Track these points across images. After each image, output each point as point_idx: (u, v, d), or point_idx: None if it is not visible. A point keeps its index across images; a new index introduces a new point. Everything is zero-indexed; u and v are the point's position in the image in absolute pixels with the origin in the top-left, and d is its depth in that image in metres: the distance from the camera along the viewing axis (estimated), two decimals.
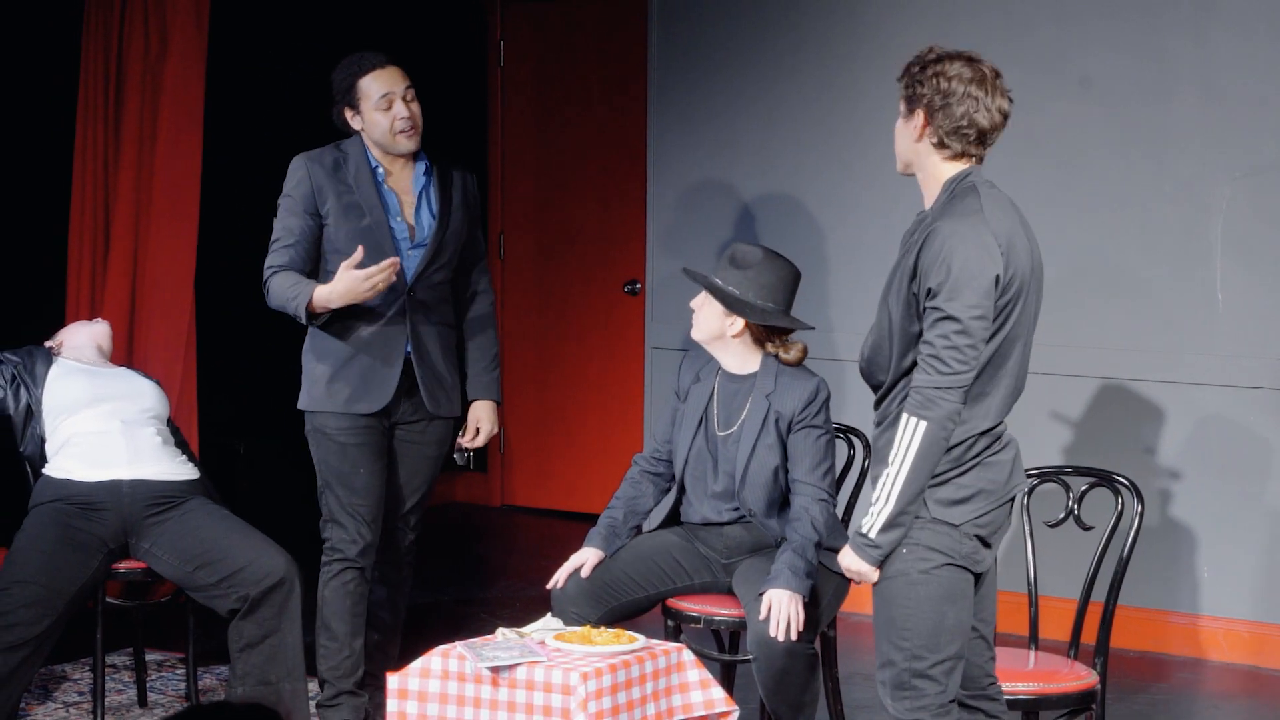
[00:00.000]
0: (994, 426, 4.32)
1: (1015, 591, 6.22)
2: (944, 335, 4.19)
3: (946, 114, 4.29)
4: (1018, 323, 4.30)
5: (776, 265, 5.34)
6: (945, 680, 4.29)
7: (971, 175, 4.33)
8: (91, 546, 5.66)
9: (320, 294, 5.44)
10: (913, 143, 4.36)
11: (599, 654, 4.66)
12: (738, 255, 5.36)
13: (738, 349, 5.38)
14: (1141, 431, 6.99)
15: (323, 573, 5.65)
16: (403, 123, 5.57)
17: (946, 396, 4.19)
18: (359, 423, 5.61)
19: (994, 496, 4.32)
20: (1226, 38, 6.79)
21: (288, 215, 5.61)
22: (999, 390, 4.31)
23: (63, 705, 6.14)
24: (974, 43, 7.17)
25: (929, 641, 4.27)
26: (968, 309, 4.18)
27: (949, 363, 4.18)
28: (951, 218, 4.26)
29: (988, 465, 4.31)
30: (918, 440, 4.20)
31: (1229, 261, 6.81)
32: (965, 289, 4.18)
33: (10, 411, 5.89)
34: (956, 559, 4.28)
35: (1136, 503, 4.99)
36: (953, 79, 4.28)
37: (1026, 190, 7.13)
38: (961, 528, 4.27)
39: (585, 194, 9.30)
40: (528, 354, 9.53)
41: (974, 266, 4.19)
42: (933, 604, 4.26)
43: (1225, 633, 6.91)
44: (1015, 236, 4.29)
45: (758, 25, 7.65)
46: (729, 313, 5.32)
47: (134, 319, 7.25)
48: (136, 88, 7.25)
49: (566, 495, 9.48)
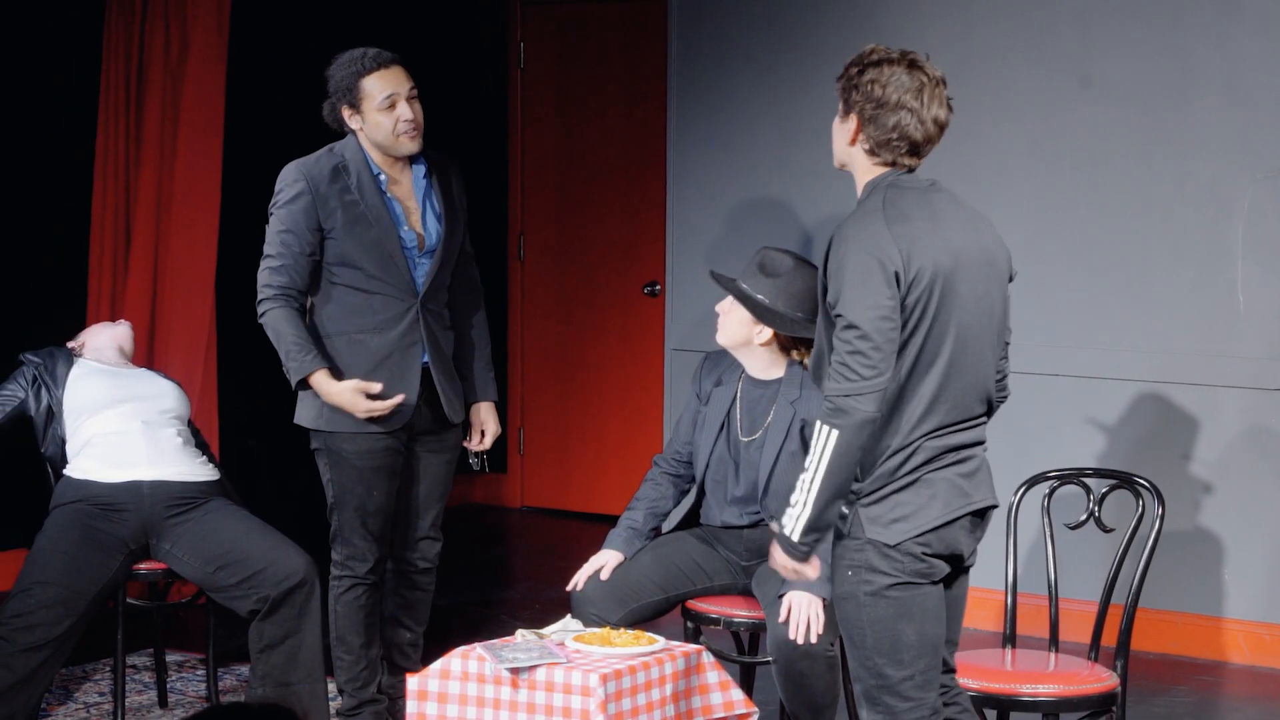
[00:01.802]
0: (929, 437, 4.16)
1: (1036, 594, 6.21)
2: (847, 341, 4.05)
3: (877, 124, 4.16)
4: (938, 324, 4.13)
5: (806, 273, 5.27)
6: (917, 695, 4.19)
7: (889, 176, 4.20)
8: (112, 547, 5.66)
9: (321, 386, 5.39)
10: (846, 145, 4.25)
11: (618, 655, 4.66)
12: (767, 263, 5.30)
13: (764, 355, 5.35)
14: (1162, 433, 6.97)
15: (333, 587, 5.63)
16: (406, 125, 5.45)
17: (857, 404, 4.03)
18: (378, 444, 5.53)
19: (938, 515, 4.15)
20: (1249, 40, 6.77)
21: (284, 229, 5.46)
22: (923, 396, 4.14)
23: (83, 705, 6.15)
24: (995, 47, 7.22)
25: (889, 659, 4.16)
26: (866, 311, 4.04)
27: (855, 368, 4.04)
28: (850, 220, 4.16)
29: (926, 483, 4.15)
30: (830, 448, 4.06)
31: (1250, 263, 6.80)
32: (860, 291, 4.04)
33: (31, 412, 5.90)
34: (903, 577, 4.14)
35: (1157, 505, 4.98)
36: (888, 86, 4.14)
37: (1048, 193, 7.14)
38: (899, 547, 4.13)
39: (605, 195, 9.30)
40: (547, 355, 9.53)
41: (865, 268, 4.05)
42: (884, 624, 4.15)
43: (1246, 635, 6.89)
44: (923, 234, 4.12)
45: (778, 27, 7.65)
46: (757, 321, 5.29)
47: (155, 320, 7.26)
48: (157, 87, 7.26)
49: (586, 497, 9.47)
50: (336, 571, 5.62)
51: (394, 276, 5.49)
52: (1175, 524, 6.86)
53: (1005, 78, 7.17)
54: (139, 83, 7.30)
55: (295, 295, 5.47)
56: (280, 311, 5.44)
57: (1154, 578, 5.32)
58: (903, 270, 4.08)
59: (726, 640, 5.76)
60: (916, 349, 4.12)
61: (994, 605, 6.73)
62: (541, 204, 9.54)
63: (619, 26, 9.21)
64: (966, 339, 4.18)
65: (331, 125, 5.57)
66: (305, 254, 5.46)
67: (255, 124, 7.89)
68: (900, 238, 4.09)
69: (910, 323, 4.11)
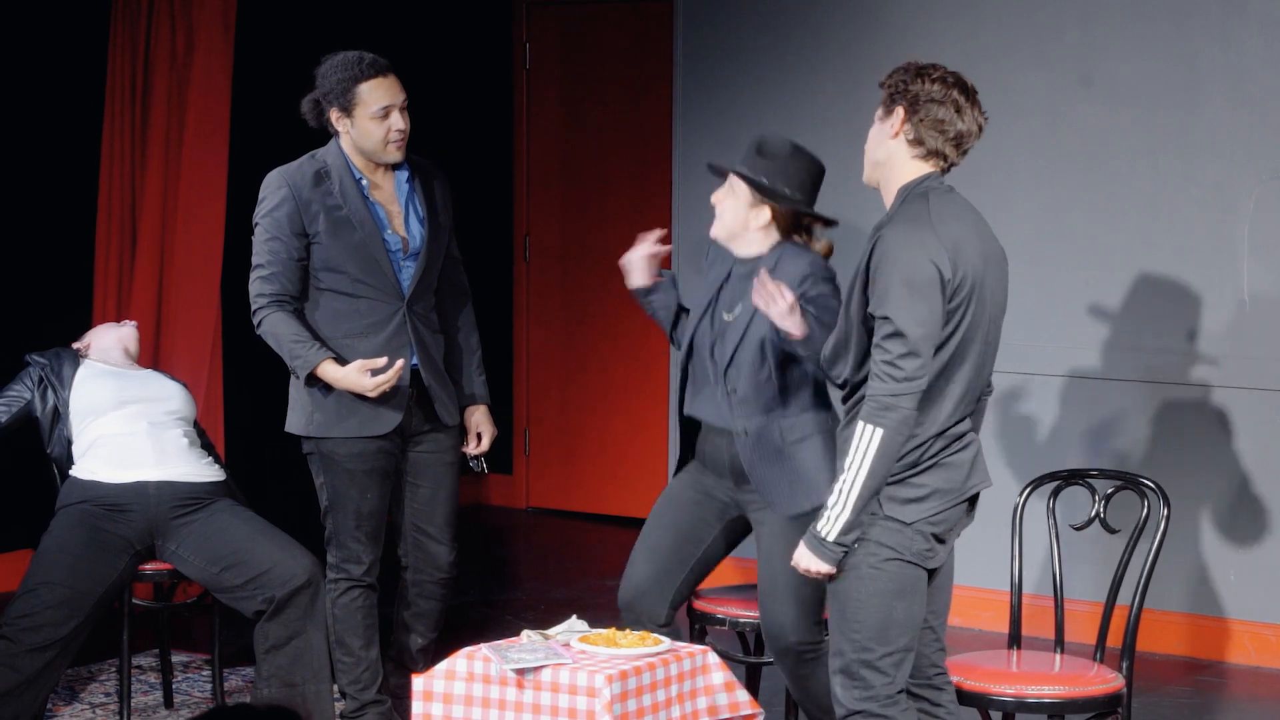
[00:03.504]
0: (951, 427, 4.38)
1: (1041, 594, 6.21)
2: (894, 343, 4.25)
3: (928, 110, 4.37)
4: (972, 324, 4.35)
5: (804, 158, 5.13)
6: (893, 672, 4.39)
7: (927, 181, 4.40)
8: (118, 548, 5.67)
9: (329, 374, 5.39)
10: (887, 140, 4.42)
11: (624, 656, 4.66)
12: (765, 144, 5.13)
13: (759, 239, 5.13)
14: (1168, 434, 6.97)
15: (329, 590, 5.63)
16: (397, 134, 5.46)
17: (900, 403, 4.25)
18: (370, 446, 5.53)
19: (950, 496, 4.40)
20: (1255, 41, 6.77)
21: (270, 238, 5.47)
22: (955, 391, 4.36)
23: (89, 706, 6.15)
24: (1001, 47, 7.21)
25: (877, 634, 4.36)
26: (914, 316, 4.24)
27: (902, 368, 4.24)
28: (897, 225, 4.34)
29: (944, 465, 4.38)
30: (874, 447, 4.27)
31: (1256, 264, 6.80)
32: (914, 298, 4.24)
33: (37, 413, 5.91)
34: (906, 555, 4.36)
35: (1163, 506, 4.98)
36: (937, 83, 4.38)
37: (1054, 193, 7.13)
38: (914, 525, 4.35)
39: (610, 196, 9.30)
40: (553, 356, 9.54)
41: (918, 274, 4.25)
42: (882, 598, 4.35)
43: (1252, 636, 6.89)
44: (964, 239, 4.34)
45: (784, 26, 7.65)
46: (756, 202, 5.10)
47: (160, 321, 7.27)
48: (163, 89, 7.27)
49: (591, 498, 9.47)
50: (333, 575, 5.63)
51: (379, 280, 5.50)
52: (1180, 525, 6.86)
53: (1011, 79, 7.16)
54: (145, 83, 7.30)
55: (289, 300, 5.47)
56: (276, 316, 5.45)
57: (1159, 579, 5.32)
58: (951, 276, 4.29)
59: (733, 640, 5.77)
60: (954, 348, 4.34)
61: (999, 606, 6.72)
62: (547, 205, 9.54)
63: (624, 27, 9.22)
64: (988, 336, 4.42)
65: (310, 122, 5.56)
66: (294, 259, 5.46)
67: (261, 124, 7.89)
68: (948, 246, 4.29)
69: (951, 324, 4.31)
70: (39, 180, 7.60)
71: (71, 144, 7.56)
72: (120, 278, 7.31)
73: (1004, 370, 6.85)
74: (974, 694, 4.77)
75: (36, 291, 7.58)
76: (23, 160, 7.55)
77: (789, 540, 4.77)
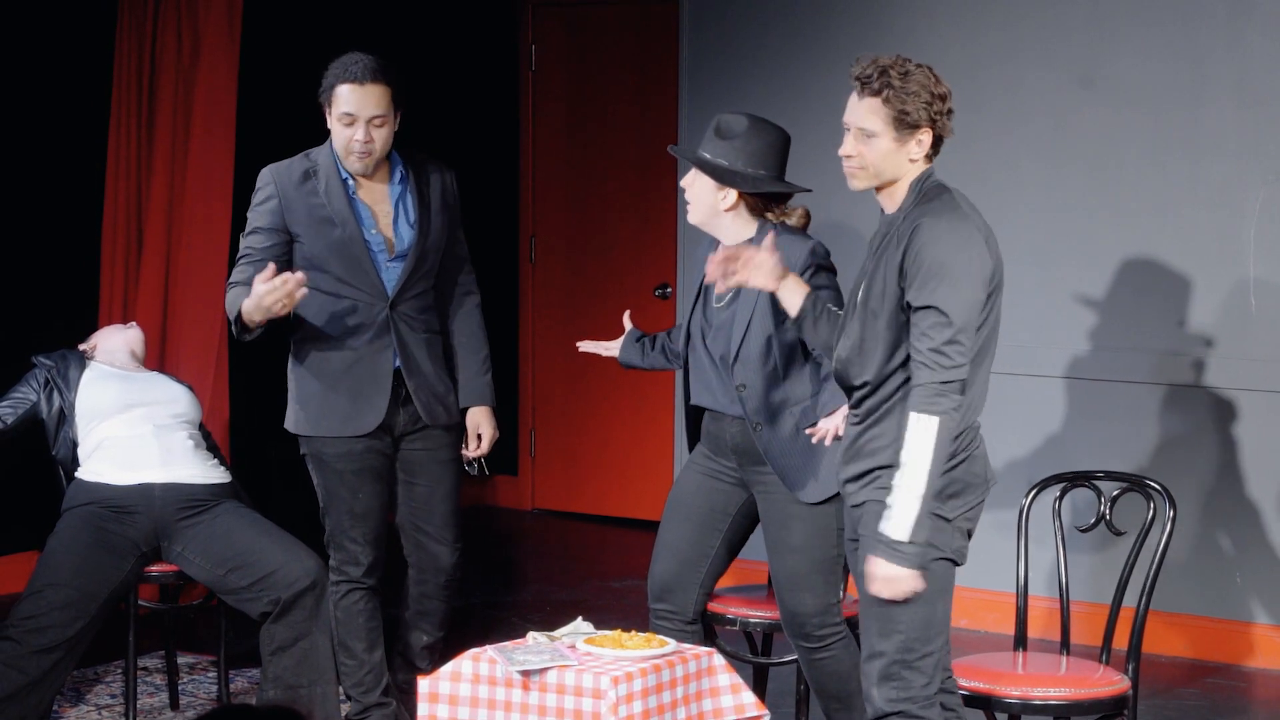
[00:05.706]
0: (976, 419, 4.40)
1: (1047, 596, 6.20)
2: (941, 330, 4.22)
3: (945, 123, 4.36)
4: (996, 311, 4.37)
5: (763, 130, 5.07)
6: (931, 673, 4.36)
7: (934, 174, 4.41)
8: (124, 549, 5.67)
9: (246, 309, 5.33)
10: (906, 161, 4.35)
11: (629, 658, 4.66)
12: (722, 125, 5.08)
13: (733, 222, 5.10)
14: (1174, 435, 6.97)
15: (331, 592, 5.64)
16: (357, 144, 5.43)
17: (952, 390, 4.23)
18: (357, 446, 5.54)
19: (979, 489, 4.40)
20: (1261, 42, 6.76)
21: (251, 230, 5.54)
22: (982, 381, 4.38)
23: (95, 708, 6.15)
24: (1007, 48, 7.21)
25: (921, 634, 4.33)
26: (962, 302, 4.24)
27: (950, 355, 4.22)
28: (934, 215, 4.29)
29: (973, 459, 4.39)
30: (933, 435, 4.21)
31: (1263, 265, 6.79)
32: (960, 283, 4.23)
33: (43, 415, 5.91)
34: (948, 553, 4.35)
35: (1169, 508, 4.97)
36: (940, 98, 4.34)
37: (1060, 195, 7.13)
38: (954, 521, 4.34)
39: (616, 197, 9.30)
40: (558, 358, 9.53)
41: (967, 261, 4.25)
42: (927, 597, 4.30)
43: (1258, 638, 6.88)
44: (989, 229, 4.37)
45: (789, 29, 7.65)
46: (720, 186, 5.06)
47: (166, 323, 7.27)
48: (169, 91, 7.27)
49: (596, 499, 9.47)
50: (334, 577, 5.64)
51: (362, 280, 5.51)
52: (1186, 527, 6.85)
53: (1016, 80, 7.16)
54: (150, 84, 7.31)
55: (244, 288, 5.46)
56: (231, 293, 5.46)
57: (1165, 580, 5.32)
58: (993, 267, 4.32)
59: (741, 641, 5.76)
60: (984, 338, 4.35)
61: (1005, 608, 6.71)
62: (553, 206, 9.54)
63: (630, 28, 9.22)
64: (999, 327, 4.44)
65: None
66: (269, 256, 5.46)
67: (267, 125, 7.89)
68: (984, 235, 4.33)
69: (982, 313, 4.32)
70: (44, 182, 7.60)
71: (77, 145, 7.57)
72: (126, 279, 7.31)
73: (1010, 371, 6.87)
74: (980, 696, 4.76)
75: (42, 293, 7.59)
76: (29, 162, 7.56)
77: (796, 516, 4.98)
